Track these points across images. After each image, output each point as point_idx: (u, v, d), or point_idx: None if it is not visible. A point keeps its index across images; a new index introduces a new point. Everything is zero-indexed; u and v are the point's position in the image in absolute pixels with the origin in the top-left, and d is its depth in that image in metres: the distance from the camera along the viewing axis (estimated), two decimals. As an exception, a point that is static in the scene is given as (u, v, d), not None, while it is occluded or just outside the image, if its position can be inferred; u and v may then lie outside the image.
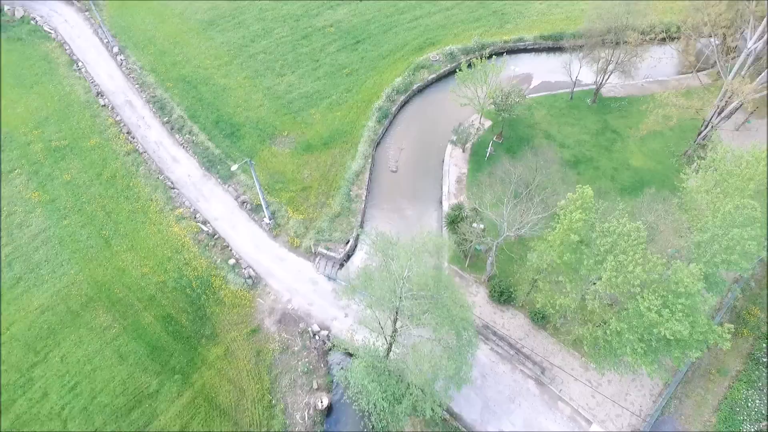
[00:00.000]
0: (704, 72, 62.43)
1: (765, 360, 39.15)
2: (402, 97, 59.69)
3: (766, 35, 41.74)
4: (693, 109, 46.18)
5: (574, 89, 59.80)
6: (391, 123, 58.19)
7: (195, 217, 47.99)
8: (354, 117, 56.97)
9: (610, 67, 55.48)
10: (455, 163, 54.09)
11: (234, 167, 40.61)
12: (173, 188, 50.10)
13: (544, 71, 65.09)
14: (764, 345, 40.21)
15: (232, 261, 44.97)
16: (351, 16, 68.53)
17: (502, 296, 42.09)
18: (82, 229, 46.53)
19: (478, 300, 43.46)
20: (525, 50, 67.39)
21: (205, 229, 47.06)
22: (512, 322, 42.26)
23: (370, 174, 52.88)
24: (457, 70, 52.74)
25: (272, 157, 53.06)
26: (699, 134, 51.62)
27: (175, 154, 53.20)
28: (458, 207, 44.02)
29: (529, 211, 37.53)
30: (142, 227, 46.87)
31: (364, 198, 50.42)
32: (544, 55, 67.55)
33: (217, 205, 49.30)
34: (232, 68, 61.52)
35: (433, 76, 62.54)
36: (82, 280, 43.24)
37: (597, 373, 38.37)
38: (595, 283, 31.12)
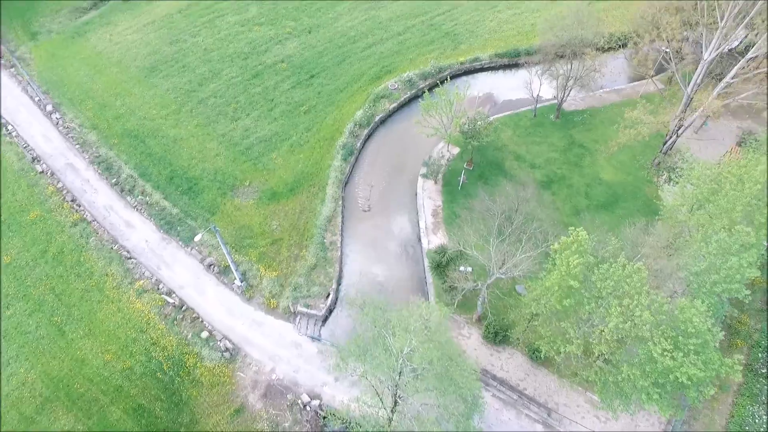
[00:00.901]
0: (656, 77, 63.55)
1: (764, 371, 38.96)
2: (365, 131, 57.57)
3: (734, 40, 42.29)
4: (662, 125, 46.24)
5: (537, 105, 59.43)
6: (357, 159, 55.91)
7: (158, 288, 43.94)
8: (318, 157, 54.34)
9: (570, 83, 55.38)
10: (429, 195, 52.32)
11: (198, 237, 37.17)
12: (130, 258, 45.83)
13: (504, 89, 64.63)
14: (760, 355, 40.08)
15: (204, 334, 41.23)
16: (302, 50, 66.06)
17: (497, 336, 40.32)
18: (29, 318, 41.62)
19: (472, 342, 41.53)
20: (482, 69, 66.80)
21: (171, 300, 43.11)
22: (510, 363, 40.50)
23: (343, 217, 50.32)
24: (420, 100, 51.23)
25: (236, 210, 49.64)
26: (665, 144, 51.96)
27: (129, 219, 48.90)
28: (442, 249, 42.10)
29: (518, 250, 35.97)
30: (99, 307, 42.41)
31: (339, 244, 47.75)
32: (501, 73, 67.17)
33: (181, 271, 45.39)
34: (181, 117, 57.70)
35: (394, 105, 60.82)
36: (34, 378, 38.43)
37: (605, 410, 37.02)
38: (598, 326, 29.72)
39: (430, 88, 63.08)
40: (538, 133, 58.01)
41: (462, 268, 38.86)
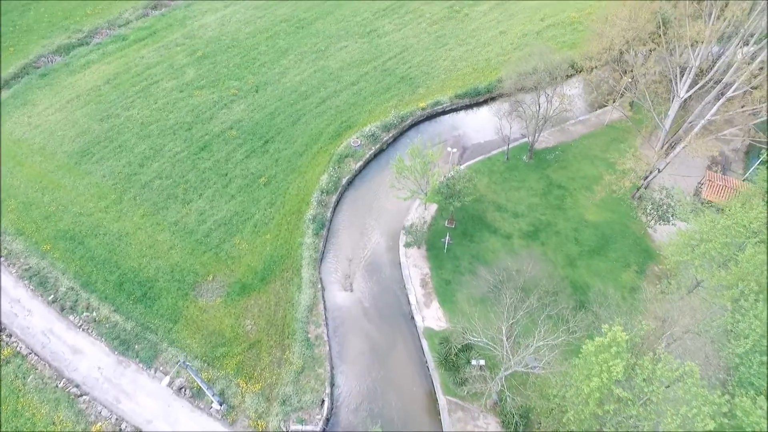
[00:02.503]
0: (617, 104, 62.84)
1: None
2: (333, 198, 52.96)
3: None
4: (648, 165, 44.57)
5: (509, 147, 57.00)
6: (329, 231, 51.10)
7: (121, 429, 36.99)
8: (286, 236, 49.12)
9: (541, 124, 53.36)
10: (413, 263, 48.20)
11: (165, 381, 30.94)
12: (81, 395, 38.60)
13: (471, 131, 62.05)
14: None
15: (184, 480, 34.79)
16: (251, 112, 60.82)
17: (518, 427, 36.32)
18: (-41, 499, 33.71)
19: (491, 434, 37.36)
20: (445, 112, 64.02)
21: (138, 442, 36.36)
22: (537, 454, 36.53)
23: (324, 303, 45.22)
24: (391, 161, 47.46)
25: (202, 313, 43.47)
26: (645, 179, 50.54)
27: (75, 343, 41.62)
28: (446, 340, 37.84)
29: (534, 337, 32.32)
30: (49, 468, 35.07)
31: (326, 337, 42.57)
32: (464, 115, 64.65)
33: (146, 401, 38.63)
34: (124, 207, 50.88)
35: (360, 163, 56.66)
36: None
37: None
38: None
39: (394, 139, 60.00)
40: (514, 177, 55.48)
41: (474, 362, 34.78)
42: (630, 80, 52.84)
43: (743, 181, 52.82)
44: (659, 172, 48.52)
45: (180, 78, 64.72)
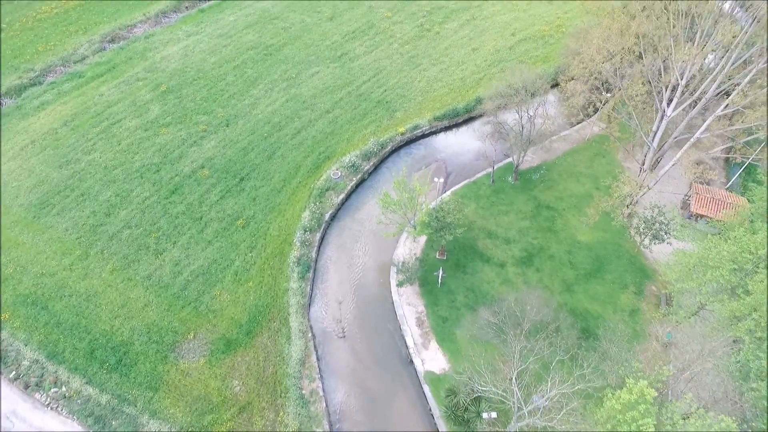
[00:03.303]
0: (595, 117, 62.35)
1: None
2: (317, 235, 50.37)
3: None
4: (642, 188, 43.68)
5: (494, 169, 55.53)
6: (315, 272, 48.41)
7: None
8: (270, 282, 46.22)
9: (525, 145, 52.19)
10: (407, 301, 45.97)
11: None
12: (54, 485, 34.72)
13: (453, 155, 60.50)
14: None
15: None
16: (223, 149, 57.71)
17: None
18: None
19: (506, 486, 35.15)
20: (424, 136, 62.31)
21: None
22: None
23: (317, 353, 42.44)
24: (380, 199, 45.34)
25: (184, 377, 40.07)
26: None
27: (43, 424, 37.59)
28: (452, 392, 35.55)
29: (548, 384, 30.45)
30: None
31: (321, 392, 39.78)
32: (444, 137, 63.13)
33: (128, 485, 35.02)
34: (90, 263, 47.00)
35: (342, 196, 54.29)
36: None
37: None
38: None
39: (375, 168, 57.99)
40: (502, 201, 54.03)
41: (485, 415, 32.63)
42: (612, 97, 52.36)
43: (726, 190, 52.73)
44: (649, 189, 47.74)
45: (144, 115, 61.06)
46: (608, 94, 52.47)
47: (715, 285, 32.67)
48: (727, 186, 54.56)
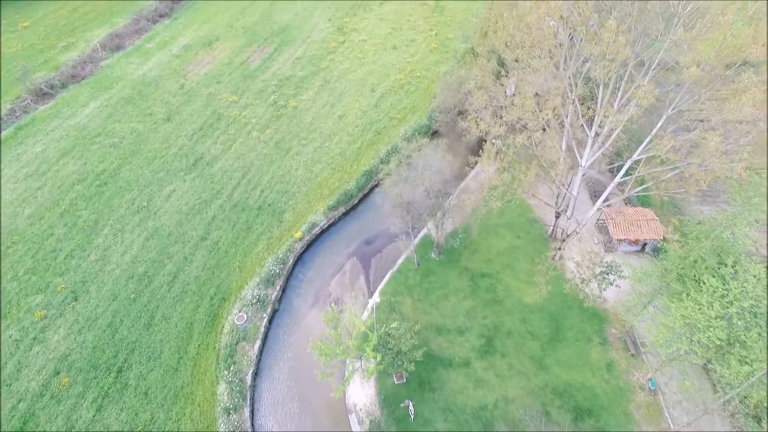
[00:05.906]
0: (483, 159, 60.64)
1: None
2: (245, 412, 39.65)
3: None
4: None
5: (415, 253, 50.11)
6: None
7: None
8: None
9: (440, 221, 47.73)
10: (384, 455, 37.71)
11: None
12: None
13: (362, 244, 53.72)
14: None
15: None
16: (78, 335, 43.31)
17: None
18: None
19: None
20: (323, 232, 54.74)
21: None
22: None
23: None
24: (314, 350, 36.55)
25: None
26: (563, 240, 47.97)
27: None
28: None
29: None
30: None
31: None
32: (346, 225, 56.11)
33: None
34: None
35: (258, 343, 44.19)
36: None
37: None
38: None
39: (283, 291, 48.89)
40: (435, 284, 48.73)
41: None
42: (498, 138, 50.26)
43: (626, 204, 53.90)
44: (577, 234, 46.16)
45: (-56, 324, 43.88)
46: (497, 140, 50.34)
47: (711, 346, 30.53)
48: (625, 196, 56.07)
